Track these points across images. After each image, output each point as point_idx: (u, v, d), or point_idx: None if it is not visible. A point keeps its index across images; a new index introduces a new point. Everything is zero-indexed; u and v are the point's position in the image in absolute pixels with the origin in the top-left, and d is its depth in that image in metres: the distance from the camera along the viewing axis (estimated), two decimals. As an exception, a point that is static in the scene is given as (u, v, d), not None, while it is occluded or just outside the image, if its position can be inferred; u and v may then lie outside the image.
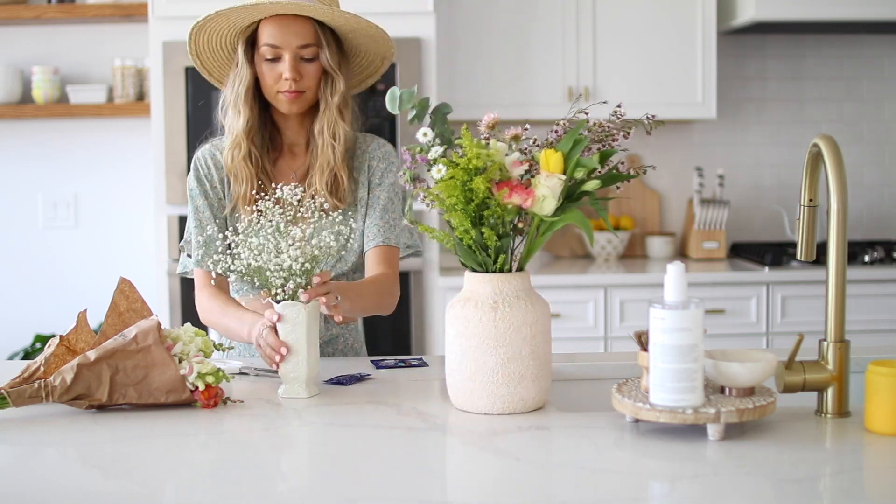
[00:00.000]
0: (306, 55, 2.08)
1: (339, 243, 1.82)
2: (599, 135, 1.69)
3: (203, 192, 2.16)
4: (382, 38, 2.14)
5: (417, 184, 1.72)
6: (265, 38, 2.07)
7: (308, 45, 2.07)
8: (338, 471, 1.44)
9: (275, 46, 2.07)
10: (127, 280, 1.85)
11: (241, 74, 2.11)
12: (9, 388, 1.68)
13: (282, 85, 2.08)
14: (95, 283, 4.14)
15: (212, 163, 2.18)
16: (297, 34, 2.06)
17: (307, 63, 2.09)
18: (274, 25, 2.06)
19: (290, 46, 2.06)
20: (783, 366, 1.61)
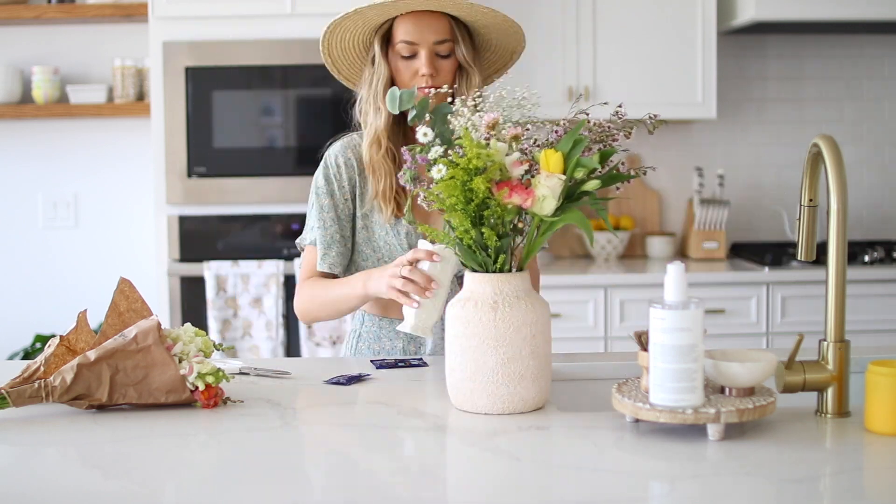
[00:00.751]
0: (442, 51, 2.08)
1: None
2: (600, 135, 1.69)
3: (330, 192, 2.16)
4: (515, 32, 2.13)
5: (417, 184, 1.72)
6: (401, 34, 2.07)
7: (444, 40, 2.07)
8: (338, 471, 1.44)
9: (411, 43, 2.06)
10: (127, 280, 1.85)
11: (379, 71, 2.10)
12: (9, 388, 1.68)
13: (418, 81, 2.07)
14: (95, 283, 4.14)
15: (342, 161, 2.17)
16: (433, 29, 2.06)
17: (442, 59, 2.08)
18: (410, 22, 2.06)
19: (427, 42, 2.06)
20: (783, 366, 1.61)
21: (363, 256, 2.17)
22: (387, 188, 2.11)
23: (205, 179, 3.74)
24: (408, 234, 2.13)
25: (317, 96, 3.78)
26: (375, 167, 2.12)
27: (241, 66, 3.73)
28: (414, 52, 2.07)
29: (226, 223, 3.81)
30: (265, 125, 3.84)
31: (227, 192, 3.76)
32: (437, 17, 2.06)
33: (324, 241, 2.15)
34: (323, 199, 2.16)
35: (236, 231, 3.83)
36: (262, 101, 3.82)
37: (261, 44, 3.72)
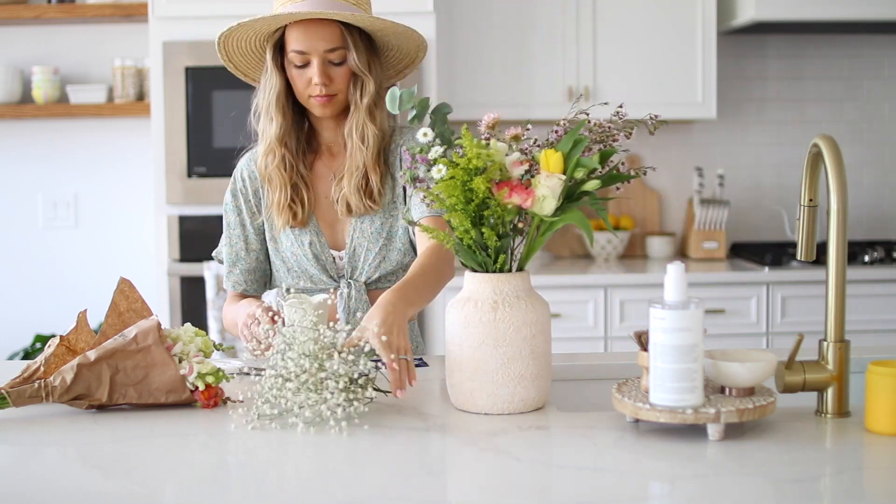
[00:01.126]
0: (334, 59, 2.05)
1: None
2: (600, 135, 1.69)
3: (236, 208, 2.19)
4: (411, 34, 2.10)
5: (417, 184, 1.72)
6: (292, 44, 2.05)
7: (335, 48, 2.04)
8: (338, 470, 1.44)
9: (302, 52, 2.04)
10: (127, 280, 1.85)
11: (271, 81, 2.10)
12: (9, 388, 1.68)
13: (312, 90, 2.06)
14: (95, 283, 4.14)
15: (247, 175, 2.19)
16: (324, 38, 2.03)
17: (336, 66, 2.06)
18: (300, 31, 2.04)
19: (318, 51, 2.04)
20: (783, 366, 1.61)
21: (275, 267, 2.20)
22: (281, 198, 2.12)
23: (205, 179, 3.74)
24: (311, 243, 2.13)
25: (317, 96, 3.77)
26: (270, 177, 2.13)
27: (241, 66, 3.73)
28: (306, 61, 2.05)
29: (226, 223, 3.80)
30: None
31: (227, 192, 3.76)
32: (328, 25, 2.04)
33: (229, 260, 2.19)
34: (229, 216, 2.19)
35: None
36: (262, 101, 3.82)
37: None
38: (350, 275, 2.15)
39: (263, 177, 2.14)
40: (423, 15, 3.69)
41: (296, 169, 2.12)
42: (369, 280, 2.14)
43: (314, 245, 2.13)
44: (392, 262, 2.15)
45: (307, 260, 2.13)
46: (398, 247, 2.15)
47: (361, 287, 2.13)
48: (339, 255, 2.15)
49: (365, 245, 2.13)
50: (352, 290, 2.13)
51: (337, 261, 2.15)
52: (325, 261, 2.14)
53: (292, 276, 2.15)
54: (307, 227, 2.13)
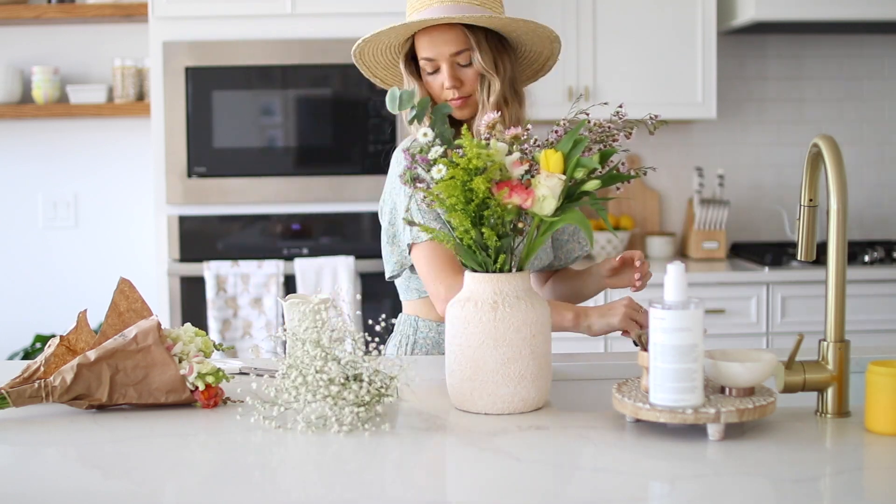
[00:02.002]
0: (462, 61, 2.07)
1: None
2: (600, 135, 1.69)
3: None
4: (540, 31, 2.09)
5: (417, 184, 1.72)
6: (421, 52, 2.07)
7: (461, 51, 2.06)
8: (338, 471, 1.44)
9: (430, 59, 2.07)
10: (127, 280, 1.85)
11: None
12: (9, 388, 1.68)
13: (446, 94, 2.08)
14: (95, 283, 4.14)
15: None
16: (448, 42, 2.05)
17: (465, 68, 2.08)
18: (425, 38, 2.06)
19: (444, 56, 2.06)
20: (783, 366, 1.61)
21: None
22: None
23: (205, 179, 3.74)
24: None
25: (317, 96, 3.78)
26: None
27: (241, 66, 3.73)
28: (436, 67, 2.08)
29: (226, 223, 3.81)
30: (265, 125, 3.84)
31: (227, 192, 3.76)
32: (451, 29, 2.05)
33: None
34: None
35: (236, 231, 3.83)
36: (262, 101, 3.82)
37: (261, 44, 3.71)
38: None
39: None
40: (423, 15, 3.69)
41: None
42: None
43: None
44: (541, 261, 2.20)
45: None
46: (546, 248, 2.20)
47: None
48: None
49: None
50: None
51: None
52: None
53: None
54: None
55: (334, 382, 1.57)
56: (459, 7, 2.03)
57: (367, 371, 1.60)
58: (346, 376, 1.59)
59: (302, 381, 1.58)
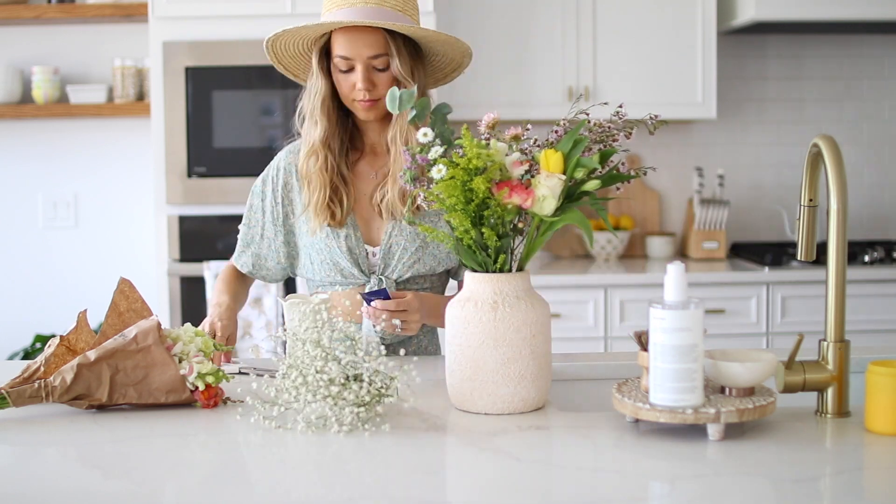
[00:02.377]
0: (378, 65, 2.07)
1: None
2: (600, 135, 1.69)
3: (262, 193, 2.23)
4: (455, 43, 2.11)
5: (417, 184, 1.72)
6: (337, 49, 2.08)
7: (379, 55, 2.06)
8: (338, 471, 1.44)
9: (347, 58, 2.07)
10: (127, 280, 1.85)
11: (317, 85, 2.13)
12: (9, 388, 1.68)
13: (356, 94, 2.08)
14: (95, 283, 4.14)
15: (283, 165, 2.22)
16: (368, 45, 2.06)
17: (379, 72, 2.08)
18: (345, 37, 2.06)
19: (362, 57, 2.06)
20: (783, 366, 1.61)
21: (308, 258, 2.20)
22: (320, 199, 2.14)
23: (205, 179, 3.74)
24: (347, 236, 2.15)
25: (317, 96, 3.77)
26: (311, 179, 2.15)
27: (241, 66, 3.73)
28: (350, 66, 2.08)
29: (226, 223, 3.81)
30: (265, 125, 3.84)
31: (227, 192, 3.76)
32: (372, 32, 2.06)
33: (243, 240, 2.26)
34: (254, 199, 2.24)
35: (236, 231, 3.81)
36: (262, 101, 3.82)
37: (261, 44, 3.70)
38: (381, 271, 2.16)
39: (304, 178, 2.16)
40: (424, 15, 3.69)
41: (337, 170, 2.15)
42: (400, 278, 2.15)
43: (349, 238, 2.14)
44: (426, 266, 2.17)
45: (340, 253, 2.13)
46: (434, 253, 2.17)
47: (392, 284, 2.15)
48: (372, 251, 2.17)
49: (402, 244, 2.15)
50: (384, 284, 2.15)
51: (370, 256, 2.17)
52: (359, 255, 2.15)
53: (324, 268, 2.16)
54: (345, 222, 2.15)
55: (334, 383, 1.57)
56: (383, 11, 2.04)
57: (368, 371, 1.60)
58: (347, 376, 1.59)
59: (302, 382, 1.58)
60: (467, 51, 2.15)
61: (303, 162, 2.16)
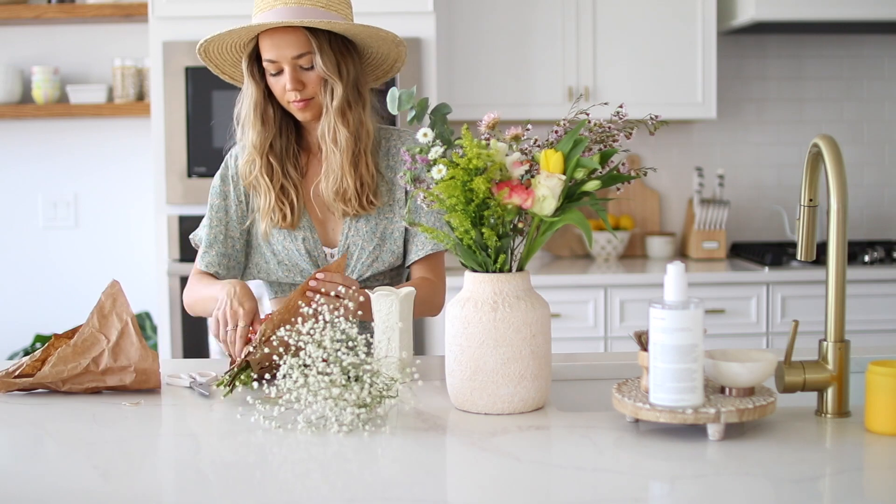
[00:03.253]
0: (304, 64, 2.07)
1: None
2: (600, 135, 1.69)
3: (223, 193, 2.20)
4: (384, 35, 2.11)
5: (417, 184, 1.72)
6: (264, 53, 2.08)
7: (302, 54, 2.06)
8: (339, 470, 1.44)
9: (273, 61, 2.07)
10: (117, 283, 1.86)
11: (248, 92, 2.13)
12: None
13: (288, 96, 2.09)
14: (95, 283, 4.13)
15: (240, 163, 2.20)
16: (290, 45, 2.05)
17: (307, 71, 2.08)
18: (269, 40, 2.07)
19: (286, 58, 2.06)
20: (783, 366, 1.61)
21: (266, 259, 2.19)
22: (266, 205, 2.13)
23: (205, 179, 3.73)
24: (304, 239, 2.15)
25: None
26: (253, 184, 2.15)
27: (241, 66, 3.73)
28: (278, 69, 2.08)
29: (226, 223, 3.80)
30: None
31: (227, 192, 3.76)
32: (293, 32, 2.05)
33: (207, 240, 2.20)
34: (214, 199, 2.21)
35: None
36: (262, 101, 3.81)
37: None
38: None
39: (248, 184, 2.16)
40: (423, 15, 3.69)
41: (282, 172, 2.14)
42: (361, 278, 2.16)
43: (307, 241, 2.14)
44: (384, 263, 2.17)
45: (299, 255, 2.14)
46: (391, 249, 2.17)
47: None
48: (331, 252, 2.17)
49: (359, 244, 2.14)
50: None
51: (328, 258, 2.17)
52: (318, 257, 2.15)
53: (283, 269, 2.16)
54: (300, 223, 2.14)
55: (335, 384, 1.57)
56: (302, 10, 2.04)
57: (369, 373, 1.60)
58: (348, 377, 1.59)
59: (303, 383, 1.58)
60: (396, 40, 2.13)
61: (243, 168, 2.16)
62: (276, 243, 2.15)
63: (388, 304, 1.91)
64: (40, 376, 1.78)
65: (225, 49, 2.14)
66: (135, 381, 1.81)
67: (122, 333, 1.81)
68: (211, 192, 2.21)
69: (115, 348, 1.80)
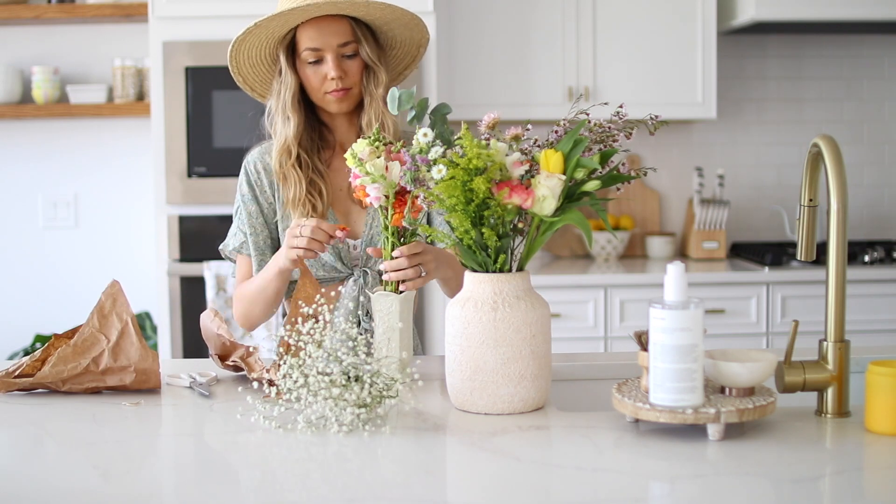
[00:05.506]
0: (347, 52, 2.10)
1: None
2: (600, 135, 1.69)
3: (254, 198, 2.22)
4: (417, 24, 2.16)
5: (417, 184, 1.72)
6: (305, 42, 2.09)
7: (348, 42, 2.10)
8: (339, 470, 1.44)
9: (316, 49, 2.09)
10: (117, 283, 1.86)
11: (286, 81, 2.14)
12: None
13: (328, 85, 2.10)
14: (95, 283, 4.13)
15: (261, 167, 2.22)
16: (336, 33, 2.09)
17: (349, 60, 2.11)
18: (312, 28, 2.08)
19: (331, 46, 2.09)
20: (783, 366, 1.61)
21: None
22: (297, 195, 2.15)
23: (205, 179, 3.74)
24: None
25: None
26: (286, 175, 2.16)
27: (241, 66, 3.73)
28: (320, 57, 2.10)
29: (226, 223, 3.79)
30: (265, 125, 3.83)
31: (227, 192, 3.75)
32: (338, 21, 2.09)
33: (257, 248, 2.21)
34: (250, 206, 2.22)
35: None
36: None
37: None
38: (364, 263, 2.17)
39: (278, 175, 2.17)
40: (423, 15, 3.69)
41: (311, 165, 2.16)
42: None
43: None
44: None
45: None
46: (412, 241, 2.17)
47: (376, 276, 2.16)
48: (353, 244, 2.18)
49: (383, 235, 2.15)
50: (368, 277, 2.16)
51: (351, 250, 2.18)
52: (341, 249, 2.17)
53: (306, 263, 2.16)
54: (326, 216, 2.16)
55: (335, 384, 1.57)
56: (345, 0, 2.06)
57: (369, 373, 1.60)
58: (348, 377, 1.59)
59: (303, 383, 1.58)
60: (425, 37, 2.18)
61: (276, 159, 2.17)
62: None
63: (389, 304, 1.91)
64: (40, 376, 1.78)
65: (257, 48, 2.13)
66: (135, 381, 1.81)
67: (122, 333, 1.81)
68: (241, 201, 2.22)
69: (115, 348, 1.80)
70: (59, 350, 1.79)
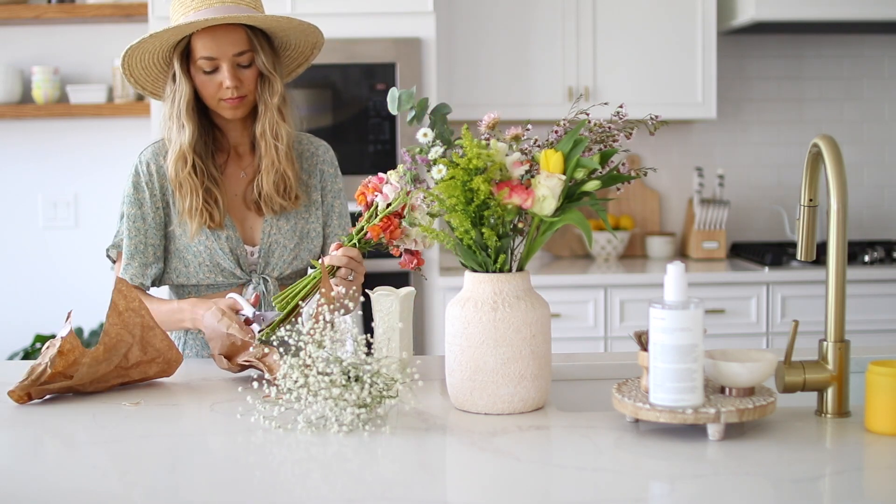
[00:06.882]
0: (243, 62, 2.11)
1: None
2: (600, 135, 1.69)
3: (139, 201, 2.18)
4: (313, 31, 2.17)
5: (417, 184, 1.72)
6: (200, 51, 2.09)
7: (244, 51, 2.10)
8: (339, 470, 1.44)
9: (211, 59, 2.09)
10: (123, 279, 1.87)
11: (181, 89, 2.12)
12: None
13: (223, 93, 2.11)
14: (95, 283, 4.14)
15: (154, 168, 2.19)
16: (232, 42, 2.09)
17: (244, 69, 2.12)
18: (207, 37, 2.08)
19: (227, 55, 2.09)
20: (783, 366, 1.61)
21: (185, 262, 2.19)
22: (194, 205, 2.13)
23: (205, 179, 3.73)
24: (227, 237, 2.16)
25: (317, 96, 3.78)
26: (182, 183, 2.14)
27: (241, 66, 3.73)
28: (215, 66, 2.10)
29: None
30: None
31: (227, 192, 3.76)
32: (234, 29, 2.09)
33: (127, 252, 2.18)
34: (129, 209, 2.18)
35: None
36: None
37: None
38: (262, 270, 2.20)
39: (174, 183, 2.15)
40: (423, 15, 3.69)
41: (206, 172, 2.15)
42: (281, 276, 2.21)
43: (230, 240, 2.17)
44: (304, 261, 2.23)
45: (223, 254, 2.16)
46: (309, 248, 2.23)
47: (275, 282, 2.19)
48: (251, 251, 2.20)
49: (281, 242, 2.20)
50: (268, 284, 2.18)
51: (249, 256, 2.20)
52: (239, 255, 2.18)
53: (204, 271, 2.17)
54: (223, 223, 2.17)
55: (335, 384, 1.57)
56: (240, 9, 2.08)
57: (369, 373, 1.60)
58: (348, 376, 1.59)
59: (303, 383, 1.58)
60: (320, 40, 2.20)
61: (171, 167, 2.14)
62: (199, 244, 2.16)
63: (388, 304, 1.91)
64: (78, 378, 1.77)
65: (150, 55, 2.13)
66: (159, 371, 1.89)
67: (144, 327, 1.85)
68: (125, 202, 2.19)
69: (143, 342, 1.85)
70: (91, 351, 1.78)
